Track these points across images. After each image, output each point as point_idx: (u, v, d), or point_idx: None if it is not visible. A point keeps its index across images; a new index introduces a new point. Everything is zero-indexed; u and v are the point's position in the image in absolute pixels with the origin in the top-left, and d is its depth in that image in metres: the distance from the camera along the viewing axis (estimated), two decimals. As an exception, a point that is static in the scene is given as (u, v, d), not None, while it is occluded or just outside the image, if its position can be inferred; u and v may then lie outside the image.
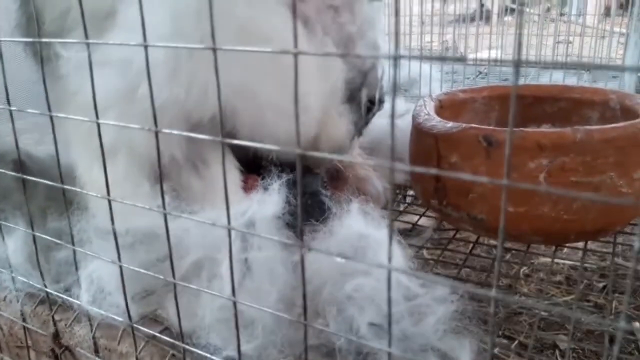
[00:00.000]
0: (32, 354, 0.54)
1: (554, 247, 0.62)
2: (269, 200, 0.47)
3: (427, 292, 0.46)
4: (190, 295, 0.43)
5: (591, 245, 0.64)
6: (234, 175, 0.59)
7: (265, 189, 0.49)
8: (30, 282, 0.49)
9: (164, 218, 0.37)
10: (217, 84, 0.31)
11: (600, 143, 0.50)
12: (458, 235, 0.66)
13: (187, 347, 0.40)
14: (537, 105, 0.70)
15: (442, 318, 0.44)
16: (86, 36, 0.36)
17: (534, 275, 0.70)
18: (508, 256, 0.67)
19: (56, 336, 0.49)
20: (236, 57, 0.47)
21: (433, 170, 0.55)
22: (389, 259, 0.29)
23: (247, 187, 0.60)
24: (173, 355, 0.43)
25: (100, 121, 0.37)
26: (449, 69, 1.55)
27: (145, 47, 0.33)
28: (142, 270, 0.40)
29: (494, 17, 2.51)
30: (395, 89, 0.26)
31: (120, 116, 0.49)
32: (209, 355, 0.39)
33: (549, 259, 0.58)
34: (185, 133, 0.33)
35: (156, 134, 0.35)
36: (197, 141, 0.54)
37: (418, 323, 0.44)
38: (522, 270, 0.65)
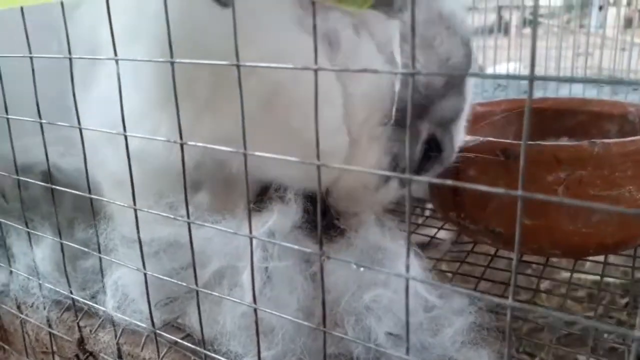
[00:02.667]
0: (57, 359, 0.55)
1: (574, 261, 0.62)
2: (288, 211, 0.48)
3: (445, 304, 0.47)
4: (211, 303, 0.44)
5: (613, 259, 0.64)
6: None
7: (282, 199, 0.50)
8: (57, 289, 0.51)
9: (188, 227, 0.38)
10: (241, 103, 0.32)
11: (618, 156, 0.50)
12: (476, 249, 0.66)
13: (208, 353, 0.41)
14: (555, 118, 0.70)
15: (460, 329, 0.44)
16: (115, 53, 0.37)
17: (555, 291, 0.70)
18: (528, 271, 0.67)
19: (81, 342, 0.51)
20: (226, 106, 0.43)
21: (449, 182, 0.55)
22: (407, 268, 0.30)
23: None
24: (194, 361, 0.44)
25: (129, 134, 0.39)
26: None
27: (172, 63, 0.34)
28: (166, 278, 0.41)
29: (513, 29, 2.51)
30: (411, 105, 0.27)
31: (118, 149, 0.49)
32: (230, 362, 0.40)
33: (569, 274, 0.58)
34: (210, 145, 0.35)
35: (181, 146, 0.36)
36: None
37: (436, 334, 0.44)
38: (542, 284, 0.64)
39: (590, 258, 0.65)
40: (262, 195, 0.53)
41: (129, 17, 0.44)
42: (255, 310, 0.37)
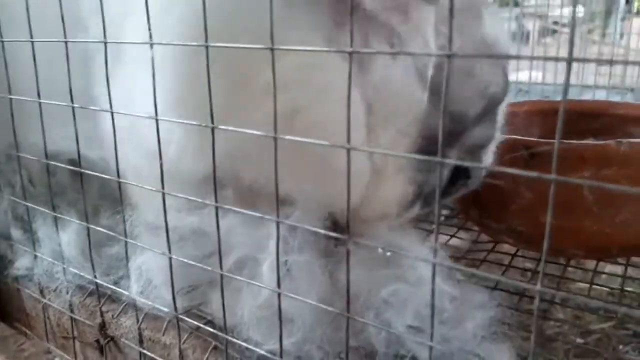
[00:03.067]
0: (77, 344, 0.56)
1: (591, 274, 0.61)
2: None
3: (467, 299, 0.47)
4: (232, 292, 0.45)
5: (630, 272, 0.63)
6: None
7: None
8: (81, 274, 0.52)
9: (215, 211, 0.38)
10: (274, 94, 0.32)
11: (644, 156, 0.50)
12: (497, 248, 0.65)
13: (230, 338, 0.41)
14: (580, 120, 0.70)
15: (481, 324, 0.44)
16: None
17: (571, 301, 0.68)
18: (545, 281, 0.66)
19: (102, 327, 0.51)
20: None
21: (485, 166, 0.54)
22: (435, 253, 0.30)
23: None
24: (215, 347, 0.44)
25: (160, 118, 0.40)
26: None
27: (206, 47, 0.35)
28: (191, 262, 0.41)
29: (534, 38, 2.50)
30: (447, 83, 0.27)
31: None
32: (251, 347, 0.40)
33: (586, 285, 0.57)
34: (240, 130, 0.35)
35: (212, 130, 0.37)
36: None
37: (457, 328, 0.44)
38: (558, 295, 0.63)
39: (607, 270, 0.64)
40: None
41: (154, 17, 0.44)
42: (279, 294, 0.37)
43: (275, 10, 0.31)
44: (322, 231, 0.34)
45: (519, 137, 0.54)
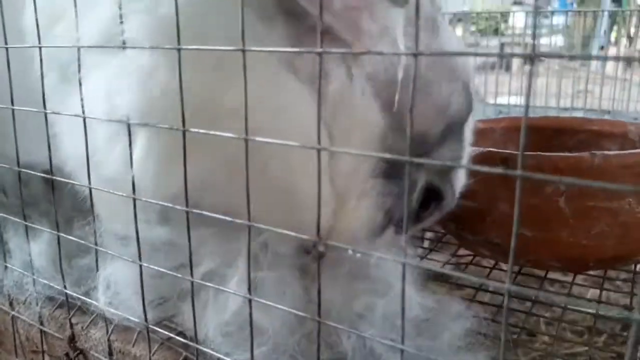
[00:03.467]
0: (47, 359, 0.54)
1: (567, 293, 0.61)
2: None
3: (442, 310, 0.46)
4: (200, 304, 0.43)
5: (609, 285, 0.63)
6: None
7: None
8: (51, 284, 0.50)
9: (186, 215, 0.38)
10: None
11: (618, 168, 0.50)
12: (476, 262, 0.65)
13: (200, 347, 0.40)
14: (556, 137, 0.71)
15: (457, 334, 0.43)
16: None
17: (555, 324, 0.67)
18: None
19: (72, 339, 0.50)
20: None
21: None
22: (405, 253, 0.30)
23: None
24: (186, 357, 0.43)
25: (131, 122, 0.39)
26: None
27: (178, 50, 0.35)
28: (162, 269, 0.41)
29: (514, 66, 2.55)
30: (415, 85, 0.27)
31: None
32: (221, 357, 0.39)
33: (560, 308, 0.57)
34: (211, 132, 0.35)
35: (183, 133, 0.36)
36: None
37: (433, 339, 0.43)
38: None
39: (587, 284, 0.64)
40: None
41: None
42: (250, 301, 0.36)
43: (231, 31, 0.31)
44: (292, 233, 0.33)
45: (495, 150, 0.55)
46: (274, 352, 0.40)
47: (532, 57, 0.24)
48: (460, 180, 0.52)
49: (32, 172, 0.49)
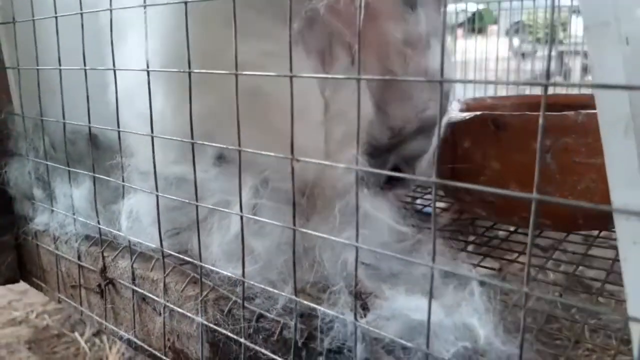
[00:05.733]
0: (83, 292, 0.62)
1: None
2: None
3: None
4: (203, 235, 0.50)
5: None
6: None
7: None
8: (88, 222, 0.58)
9: (192, 148, 0.44)
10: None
11: (601, 125, 0.53)
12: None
13: (203, 265, 0.46)
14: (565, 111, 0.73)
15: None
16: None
17: (600, 331, 0.67)
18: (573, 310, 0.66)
19: (103, 270, 0.58)
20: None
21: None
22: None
23: None
24: (193, 277, 0.49)
25: (151, 69, 0.46)
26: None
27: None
28: (174, 197, 0.47)
29: (576, 75, 2.51)
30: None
31: None
32: (220, 271, 0.45)
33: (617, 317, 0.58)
34: (210, 71, 0.41)
35: (189, 75, 0.43)
36: None
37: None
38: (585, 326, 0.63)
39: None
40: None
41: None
42: (241, 217, 0.42)
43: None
44: (271, 154, 0.39)
45: (487, 113, 0.59)
46: (264, 269, 0.45)
47: (546, 86, 0.27)
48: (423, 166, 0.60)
49: (76, 124, 0.57)
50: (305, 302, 0.40)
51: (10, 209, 0.72)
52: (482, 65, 1.94)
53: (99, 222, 0.57)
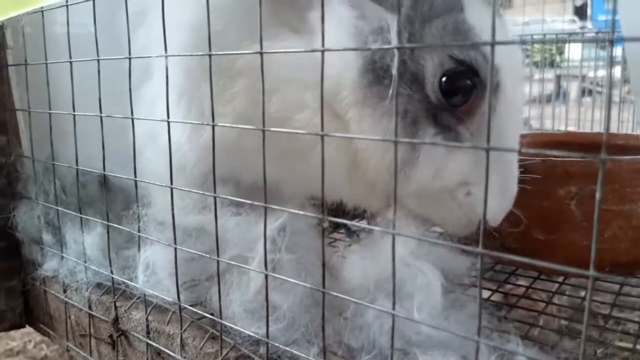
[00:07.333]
0: (93, 341, 0.60)
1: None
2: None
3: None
4: (223, 290, 0.48)
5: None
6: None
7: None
8: (100, 270, 0.57)
9: (214, 201, 0.43)
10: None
11: (628, 172, 0.52)
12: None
13: (224, 322, 0.44)
14: (582, 151, 0.72)
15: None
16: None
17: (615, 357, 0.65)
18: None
19: (115, 321, 0.56)
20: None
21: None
22: (393, 225, 0.34)
23: None
24: (212, 334, 0.47)
25: (171, 120, 0.45)
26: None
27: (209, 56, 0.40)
28: (192, 251, 0.46)
29: (572, 98, 2.52)
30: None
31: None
32: (242, 329, 0.43)
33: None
34: (237, 126, 0.40)
35: (213, 128, 0.42)
36: None
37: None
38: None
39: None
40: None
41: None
42: (266, 276, 0.41)
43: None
44: (300, 212, 0.38)
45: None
46: (289, 328, 0.44)
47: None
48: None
49: (88, 169, 0.56)
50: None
51: (18, 253, 0.70)
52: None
53: (112, 272, 0.55)
